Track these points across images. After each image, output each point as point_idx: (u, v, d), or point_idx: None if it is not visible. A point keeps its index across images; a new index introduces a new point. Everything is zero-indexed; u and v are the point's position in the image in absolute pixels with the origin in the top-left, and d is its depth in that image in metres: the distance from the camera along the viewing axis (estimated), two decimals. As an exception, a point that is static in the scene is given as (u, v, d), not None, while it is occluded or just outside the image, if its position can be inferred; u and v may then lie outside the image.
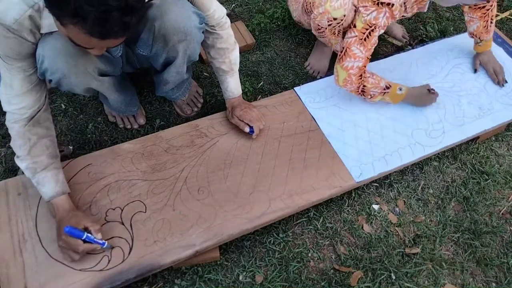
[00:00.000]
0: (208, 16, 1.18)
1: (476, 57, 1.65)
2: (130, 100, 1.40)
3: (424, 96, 1.47)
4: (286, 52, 1.80)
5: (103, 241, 1.07)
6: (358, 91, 1.40)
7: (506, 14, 2.03)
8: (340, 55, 1.36)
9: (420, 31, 1.90)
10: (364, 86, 1.37)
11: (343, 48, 1.34)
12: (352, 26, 1.32)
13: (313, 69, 1.70)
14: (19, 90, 1.02)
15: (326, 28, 1.40)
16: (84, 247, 1.03)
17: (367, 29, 1.29)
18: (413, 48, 1.74)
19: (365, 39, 1.30)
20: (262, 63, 1.75)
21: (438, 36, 1.87)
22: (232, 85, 1.33)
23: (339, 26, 1.37)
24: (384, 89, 1.40)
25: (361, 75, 1.35)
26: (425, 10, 1.44)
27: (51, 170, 1.09)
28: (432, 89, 1.47)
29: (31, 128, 1.06)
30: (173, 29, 1.11)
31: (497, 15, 1.99)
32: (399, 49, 1.81)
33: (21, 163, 1.08)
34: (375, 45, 1.33)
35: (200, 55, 1.61)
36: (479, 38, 1.57)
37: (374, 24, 1.28)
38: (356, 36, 1.30)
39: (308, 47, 1.81)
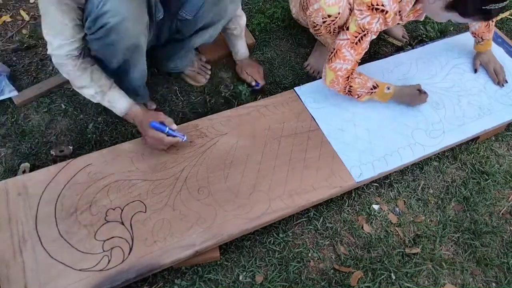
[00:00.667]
0: None
1: (476, 57, 1.65)
2: (144, 83, 1.43)
3: (413, 96, 1.47)
4: (286, 52, 1.79)
5: (183, 135, 1.24)
6: (344, 91, 1.41)
7: (506, 14, 2.03)
8: (330, 55, 1.37)
9: (420, 31, 1.90)
10: (350, 86, 1.39)
11: (334, 49, 1.35)
12: (345, 28, 1.33)
13: (313, 69, 1.70)
14: (69, 35, 1.08)
15: (321, 26, 1.40)
16: (169, 140, 1.22)
17: (359, 33, 1.29)
18: (413, 48, 1.74)
19: (356, 43, 1.31)
20: (262, 63, 1.74)
21: (438, 36, 1.87)
22: (242, 48, 1.58)
23: (334, 24, 1.37)
24: (371, 89, 1.41)
25: (348, 77, 1.37)
26: (422, 19, 1.44)
27: (115, 87, 1.22)
28: (423, 90, 1.47)
29: (83, 60, 1.15)
30: None
31: (497, 15, 1.99)
32: (399, 49, 1.81)
33: (88, 91, 1.18)
34: (366, 50, 1.35)
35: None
36: (481, 37, 1.57)
37: (367, 29, 1.28)
38: (348, 39, 1.31)
39: (308, 47, 1.81)
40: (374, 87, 1.41)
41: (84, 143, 1.45)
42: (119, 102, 1.23)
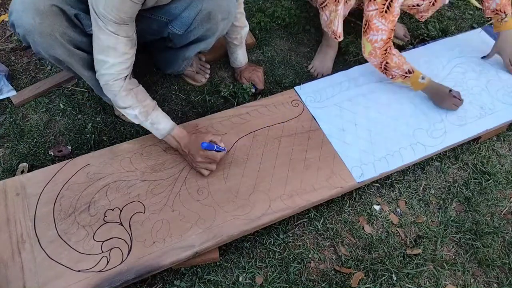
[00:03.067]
0: None
1: (497, 44, 1.55)
2: None
3: (444, 96, 1.45)
4: (286, 51, 1.78)
5: (224, 147, 1.26)
6: (381, 67, 1.42)
7: None
8: (364, 28, 1.38)
9: (421, 30, 1.89)
10: (387, 63, 1.39)
11: (366, 21, 1.36)
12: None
13: (317, 72, 1.69)
14: (123, 52, 1.09)
15: None
16: (220, 155, 1.23)
17: (386, 1, 1.29)
18: (414, 47, 1.73)
19: (386, 11, 1.31)
20: (262, 62, 1.74)
21: (439, 35, 1.86)
22: (241, 56, 1.57)
23: None
24: (406, 73, 1.41)
25: (386, 50, 1.37)
26: (446, 2, 1.41)
27: (158, 109, 1.22)
28: (457, 95, 1.44)
29: (129, 80, 1.16)
30: (219, 7, 1.21)
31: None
32: (401, 49, 1.80)
33: (132, 111, 1.17)
34: (398, 16, 1.34)
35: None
36: (504, 12, 1.48)
37: None
38: (377, 9, 1.31)
39: (308, 46, 1.80)
40: (410, 72, 1.41)
41: (82, 143, 1.45)
42: (162, 123, 1.20)
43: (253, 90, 1.59)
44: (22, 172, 1.34)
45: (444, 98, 1.46)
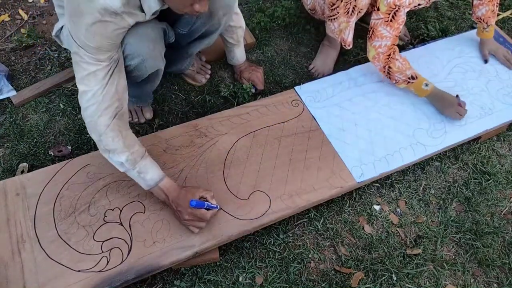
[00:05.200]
0: None
1: (483, 47, 1.65)
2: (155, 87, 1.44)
3: (449, 103, 1.44)
4: (287, 51, 1.78)
5: (216, 205, 1.15)
6: (384, 72, 1.44)
7: (508, 13, 2.02)
8: (369, 33, 1.40)
9: (421, 30, 1.89)
10: (389, 67, 1.40)
11: (371, 27, 1.37)
12: (375, 8, 1.34)
13: (318, 72, 1.69)
14: (110, 86, 1.01)
15: (341, 1, 1.40)
16: (210, 214, 1.11)
17: (391, 11, 1.30)
18: (414, 47, 1.73)
19: (391, 20, 1.32)
20: (262, 62, 1.74)
21: (439, 35, 1.86)
22: (238, 55, 1.57)
23: (355, 1, 1.37)
24: (409, 78, 1.42)
25: (389, 55, 1.38)
26: None
27: (147, 157, 1.11)
28: (462, 104, 1.44)
29: (118, 120, 1.04)
30: (219, 2, 1.22)
31: (498, 14, 1.98)
32: (400, 48, 1.79)
33: (119, 157, 1.05)
34: (404, 22, 1.35)
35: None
36: (486, 22, 1.56)
37: (397, 5, 1.29)
38: (382, 18, 1.33)
39: (308, 46, 1.80)
40: (413, 78, 1.42)
41: (82, 143, 1.44)
42: (150, 173, 1.09)
43: (253, 90, 1.59)
44: (22, 172, 1.34)
45: (448, 106, 1.44)
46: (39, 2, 1.89)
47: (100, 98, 1.00)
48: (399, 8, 1.30)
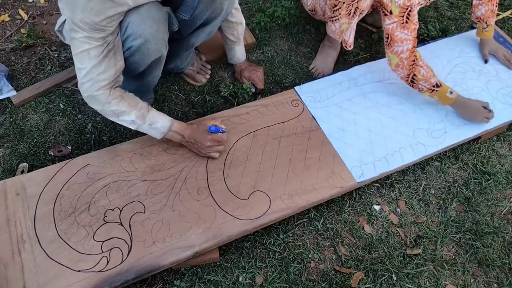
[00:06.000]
0: None
1: (483, 47, 1.65)
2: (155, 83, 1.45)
3: (476, 110, 1.43)
4: (287, 51, 1.78)
5: (225, 129, 1.29)
6: (407, 79, 1.40)
7: (508, 13, 2.02)
8: (387, 41, 1.36)
9: (421, 30, 1.88)
10: (414, 75, 1.37)
11: (387, 34, 1.35)
12: (387, 13, 1.32)
13: (318, 72, 1.69)
14: (107, 60, 1.06)
15: (343, 3, 1.39)
16: (225, 136, 1.28)
17: (404, 12, 1.29)
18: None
19: (406, 22, 1.30)
20: (262, 62, 1.74)
21: (439, 35, 1.86)
22: (239, 53, 1.57)
23: (357, 3, 1.36)
24: (434, 87, 1.38)
25: (414, 60, 1.35)
26: None
27: (152, 108, 1.20)
28: (490, 108, 1.44)
29: (115, 90, 1.13)
30: None
31: (498, 14, 1.98)
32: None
33: (128, 117, 1.15)
34: (417, 23, 1.33)
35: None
36: (485, 22, 1.56)
37: (408, 5, 1.28)
38: (396, 21, 1.30)
39: (308, 46, 1.80)
40: (437, 86, 1.38)
41: (82, 143, 1.44)
42: (160, 121, 1.19)
43: (253, 90, 1.59)
44: (22, 172, 1.34)
45: (474, 114, 1.43)
46: (39, 2, 1.89)
47: (94, 75, 1.06)
48: (411, 8, 1.28)
